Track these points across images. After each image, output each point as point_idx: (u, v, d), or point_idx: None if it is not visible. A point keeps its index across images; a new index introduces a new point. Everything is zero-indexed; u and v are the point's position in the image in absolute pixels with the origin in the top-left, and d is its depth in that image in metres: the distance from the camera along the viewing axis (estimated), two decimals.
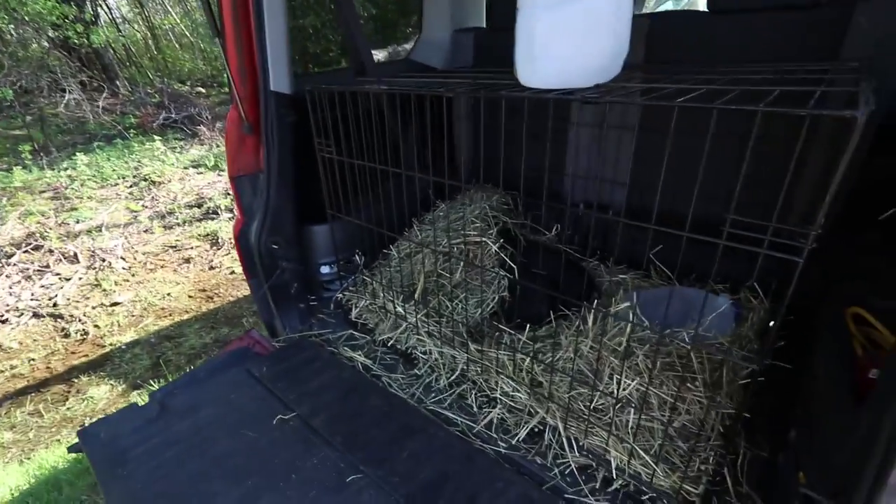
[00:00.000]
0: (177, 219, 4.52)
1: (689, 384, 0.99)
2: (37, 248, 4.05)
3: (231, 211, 4.56)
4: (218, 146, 5.80)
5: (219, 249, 4.08)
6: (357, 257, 1.54)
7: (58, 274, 3.80)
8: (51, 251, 4.01)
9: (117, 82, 7.25)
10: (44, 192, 4.87)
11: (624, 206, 1.49)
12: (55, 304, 3.48)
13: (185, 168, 5.38)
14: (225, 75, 6.77)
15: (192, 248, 4.14)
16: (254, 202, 1.42)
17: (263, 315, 1.58)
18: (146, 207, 4.71)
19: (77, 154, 5.50)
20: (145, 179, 5.12)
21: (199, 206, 4.72)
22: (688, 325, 1.12)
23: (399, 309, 1.32)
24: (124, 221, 4.47)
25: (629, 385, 0.99)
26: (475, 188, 1.66)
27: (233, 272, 3.77)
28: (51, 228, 4.27)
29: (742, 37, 1.20)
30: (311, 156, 1.39)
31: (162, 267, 3.93)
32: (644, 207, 1.49)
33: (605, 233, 1.57)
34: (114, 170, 5.26)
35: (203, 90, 7.86)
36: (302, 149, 1.40)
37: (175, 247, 4.18)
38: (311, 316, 1.57)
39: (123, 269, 3.93)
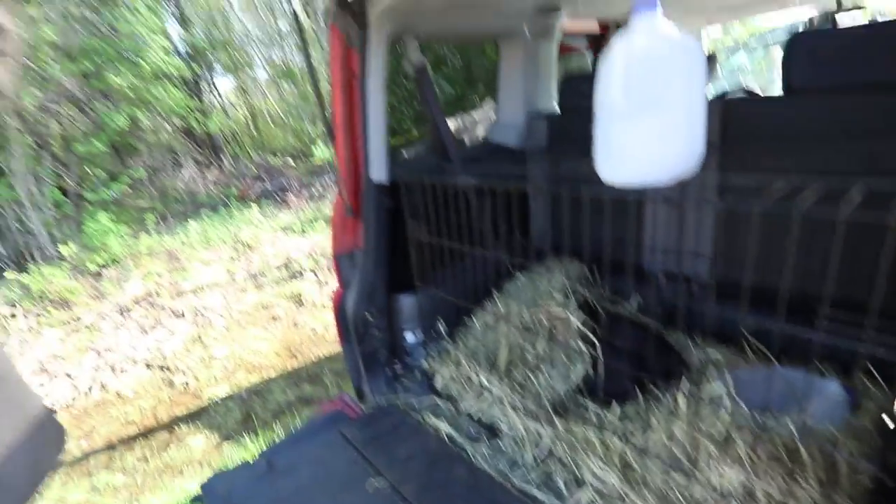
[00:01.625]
0: (267, 279, 4.98)
1: (799, 480, 0.92)
2: (152, 304, 4.63)
3: (315, 273, 4.95)
4: (304, 212, 6.42)
5: (303, 308, 4.40)
6: (440, 326, 1.63)
7: (167, 329, 4.29)
8: (163, 308, 4.56)
9: (223, 158, 8.38)
10: (161, 255, 5.62)
11: (707, 279, 1.46)
12: (164, 357, 3.91)
13: (276, 232, 5.98)
14: (333, 167, 7.55)
15: (279, 306, 4.52)
16: (351, 275, 1.59)
17: (354, 379, 1.70)
18: (242, 269, 5.26)
19: (189, 221, 6.35)
20: (242, 243, 5.74)
21: (287, 267, 5.18)
22: (792, 411, 1.05)
23: (482, 380, 1.37)
24: (224, 281, 5.01)
25: (729, 476, 0.95)
26: (553, 260, 1.72)
27: (314, 331, 4.03)
28: (164, 287, 4.88)
29: (824, 118, 1.20)
30: (401, 233, 1.55)
31: (253, 324, 4.30)
32: (728, 279, 1.46)
33: (689, 306, 1.54)
34: (217, 235, 5.96)
35: (292, 162, 8.82)
36: (393, 227, 1.56)
37: (265, 305, 4.58)
38: (397, 382, 1.66)
39: (221, 325, 4.35)
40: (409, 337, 1.71)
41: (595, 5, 1.92)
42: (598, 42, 2.35)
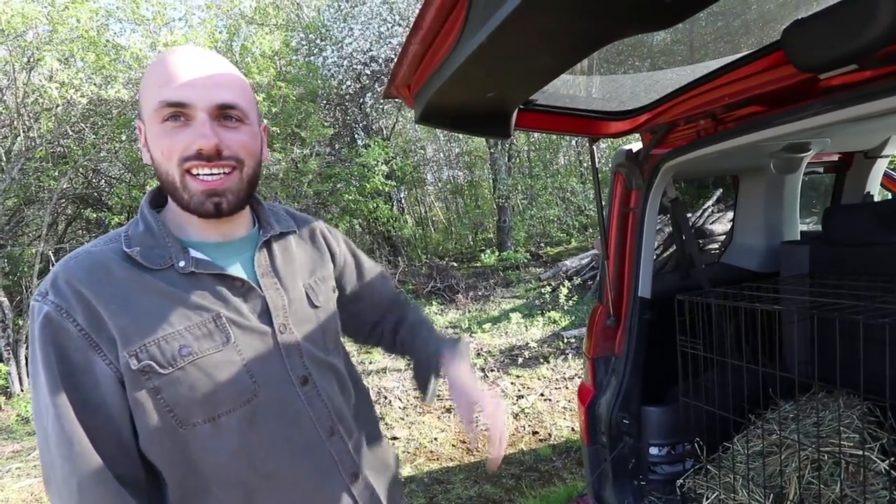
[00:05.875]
0: None
1: None
2: None
3: (483, 371, 5.17)
4: (469, 312, 6.90)
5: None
6: (696, 446, 1.62)
7: None
8: None
9: (399, 258, 9.67)
10: None
11: None
12: None
13: (446, 328, 6.50)
14: (598, 281, 8.22)
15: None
16: (604, 379, 1.72)
17: (594, 483, 1.74)
18: None
19: None
20: None
21: None
22: None
23: None
24: (402, 366, 5.53)
25: None
26: (827, 395, 1.62)
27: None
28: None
29: None
30: (656, 345, 1.67)
31: (429, 412, 4.59)
32: None
33: None
34: None
35: (456, 265, 9.72)
36: (650, 339, 1.69)
37: (438, 395, 4.88)
38: (645, 495, 1.65)
39: (400, 408, 4.73)
40: (654, 451, 1.72)
41: (845, 141, 1.98)
42: (837, 167, 2.34)
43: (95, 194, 7.38)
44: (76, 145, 5.88)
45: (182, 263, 0.70)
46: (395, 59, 1.01)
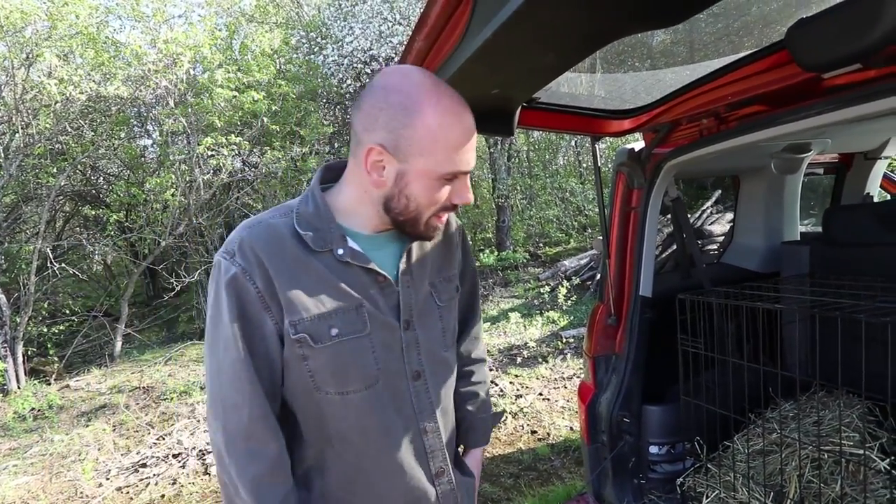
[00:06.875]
0: None
1: None
2: None
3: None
4: None
5: None
6: (696, 445, 1.62)
7: None
8: None
9: None
10: None
11: None
12: None
13: None
14: (599, 281, 8.24)
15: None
16: (605, 378, 1.73)
17: (594, 482, 1.74)
18: None
19: None
20: None
21: None
22: None
23: None
24: None
25: None
26: (827, 395, 1.63)
27: None
28: None
29: None
30: (657, 344, 1.67)
31: None
32: None
33: None
34: None
35: None
36: (650, 338, 1.69)
37: None
38: (645, 494, 1.65)
39: None
40: (654, 450, 1.72)
41: (846, 142, 1.99)
42: (837, 168, 2.35)
43: (94, 191, 7.36)
44: (75, 142, 5.86)
45: (340, 252, 0.79)
46: (400, 56, 1.01)
